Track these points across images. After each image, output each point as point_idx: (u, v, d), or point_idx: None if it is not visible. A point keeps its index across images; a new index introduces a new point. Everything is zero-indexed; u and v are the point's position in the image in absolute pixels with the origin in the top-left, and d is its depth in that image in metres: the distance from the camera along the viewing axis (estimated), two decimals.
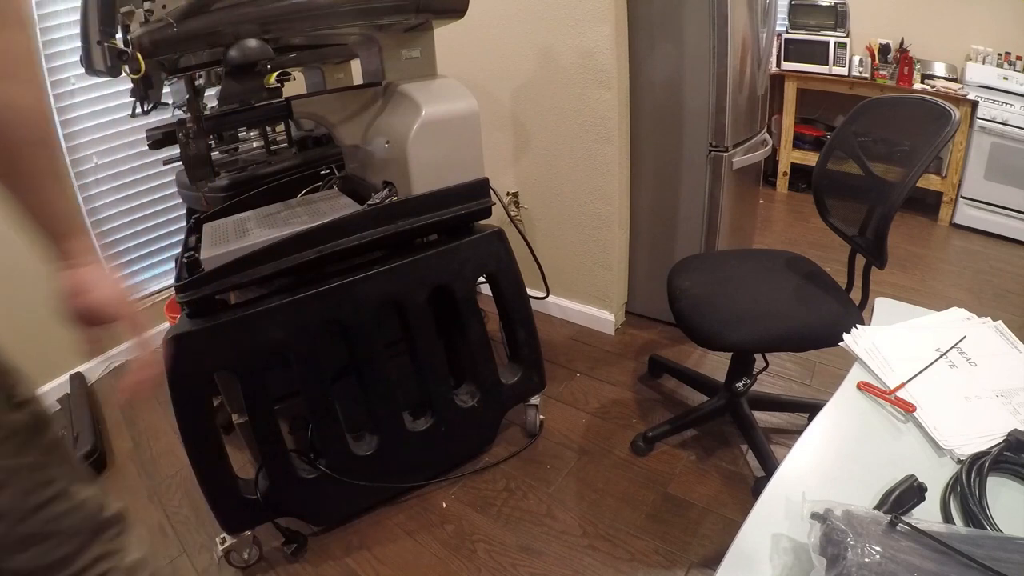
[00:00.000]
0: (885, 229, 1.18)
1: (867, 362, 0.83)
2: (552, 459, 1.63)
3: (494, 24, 2.00)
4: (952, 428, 0.70)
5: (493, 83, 2.10)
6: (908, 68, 2.94)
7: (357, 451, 1.39)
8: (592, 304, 2.22)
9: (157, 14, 1.03)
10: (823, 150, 1.46)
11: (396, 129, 1.34)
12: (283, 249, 1.19)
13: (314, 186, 1.67)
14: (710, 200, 1.93)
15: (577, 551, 1.36)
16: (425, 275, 1.37)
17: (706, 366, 1.95)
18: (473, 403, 1.53)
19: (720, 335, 1.29)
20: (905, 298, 0.98)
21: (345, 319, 1.28)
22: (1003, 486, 0.63)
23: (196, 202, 1.76)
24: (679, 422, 1.63)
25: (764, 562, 0.57)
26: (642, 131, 1.98)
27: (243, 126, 1.77)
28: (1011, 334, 0.86)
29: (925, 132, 1.18)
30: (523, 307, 1.54)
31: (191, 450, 1.20)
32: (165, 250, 2.41)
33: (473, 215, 1.42)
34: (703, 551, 1.33)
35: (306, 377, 1.28)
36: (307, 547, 1.41)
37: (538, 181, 2.15)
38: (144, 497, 1.61)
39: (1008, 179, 2.73)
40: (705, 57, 1.76)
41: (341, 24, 1.23)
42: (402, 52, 1.41)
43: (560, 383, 1.93)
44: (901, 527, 0.53)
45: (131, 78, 1.04)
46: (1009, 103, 2.66)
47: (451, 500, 1.52)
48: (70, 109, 2.02)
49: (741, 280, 1.47)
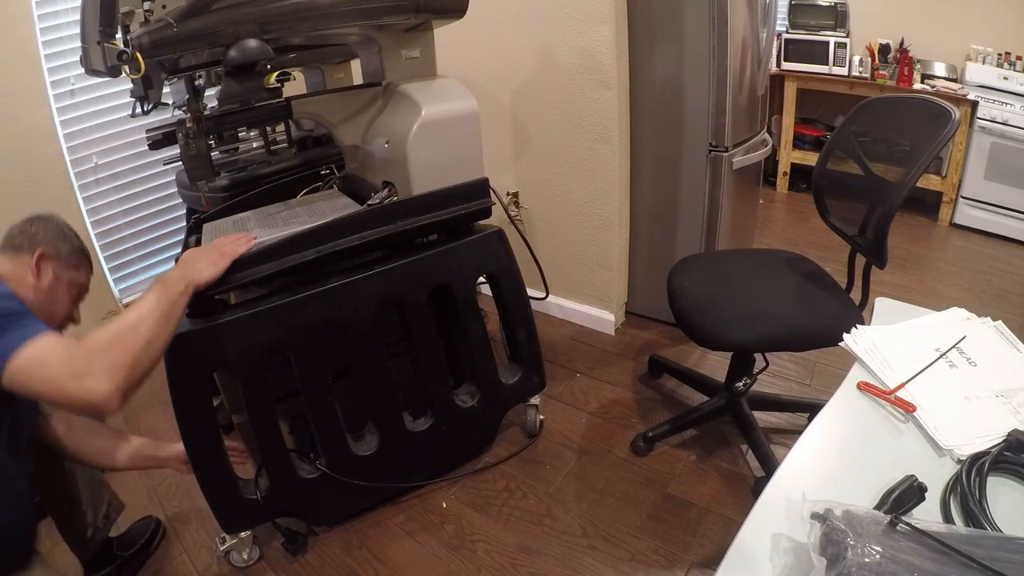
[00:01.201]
0: (885, 229, 1.18)
1: (867, 362, 0.83)
2: (552, 459, 1.63)
3: (494, 24, 2.00)
4: (952, 428, 0.70)
5: (493, 83, 2.10)
6: (908, 68, 2.94)
7: (357, 451, 1.39)
8: (592, 304, 2.22)
9: (157, 14, 1.03)
10: (823, 150, 1.46)
11: (396, 129, 1.34)
12: (283, 249, 1.19)
13: (314, 186, 1.67)
14: (710, 200, 1.93)
15: (577, 551, 1.36)
16: (425, 275, 1.37)
17: (706, 366, 1.95)
18: (473, 403, 1.53)
19: (720, 335, 1.29)
20: (905, 298, 0.98)
21: (345, 319, 1.28)
22: (1003, 486, 0.63)
23: (196, 202, 1.76)
24: (679, 422, 1.63)
25: (764, 562, 0.57)
26: (642, 131, 1.97)
27: (243, 126, 1.77)
28: (1011, 334, 0.86)
29: (925, 132, 1.18)
30: (523, 307, 1.54)
31: (191, 450, 1.20)
32: (165, 250, 2.41)
33: (473, 215, 1.42)
34: (703, 551, 1.33)
35: (306, 377, 1.28)
36: (307, 547, 1.41)
37: (538, 181, 2.15)
38: (144, 497, 1.61)
39: (1008, 179, 2.73)
40: (705, 57, 1.76)
41: (341, 24, 1.23)
42: (402, 52, 1.41)
43: (560, 383, 1.93)
44: (901, 527, 0.53)
45: (131, 78, 1.05)
46: (1009, 103, 2.66)
47: (451, 500, 1.52)
48: (70, 109, 2.02)
49: (741, 280, 1.47)
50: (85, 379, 0.84)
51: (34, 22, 1.89)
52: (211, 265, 1.08)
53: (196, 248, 1.15)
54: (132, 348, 0.90)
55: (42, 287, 1.09)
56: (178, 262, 1.10)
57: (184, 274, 1.04)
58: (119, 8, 1.06)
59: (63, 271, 1.14)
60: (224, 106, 1.34)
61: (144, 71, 1.00)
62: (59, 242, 1.15)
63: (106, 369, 0.86)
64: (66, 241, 1.17)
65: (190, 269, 1.06)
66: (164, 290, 1.00)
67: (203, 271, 1.07)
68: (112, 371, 0.86)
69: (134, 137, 2.15)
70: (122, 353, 0.88)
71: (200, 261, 1.08)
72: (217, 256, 1.10)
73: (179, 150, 1.27)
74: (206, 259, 1.09)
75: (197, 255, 1.10)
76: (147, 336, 0.93)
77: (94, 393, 0.84)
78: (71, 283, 1.17)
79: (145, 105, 1.20)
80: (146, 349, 0.92)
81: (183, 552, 1.45)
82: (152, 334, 0.94)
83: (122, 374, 0.87)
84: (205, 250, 1.12)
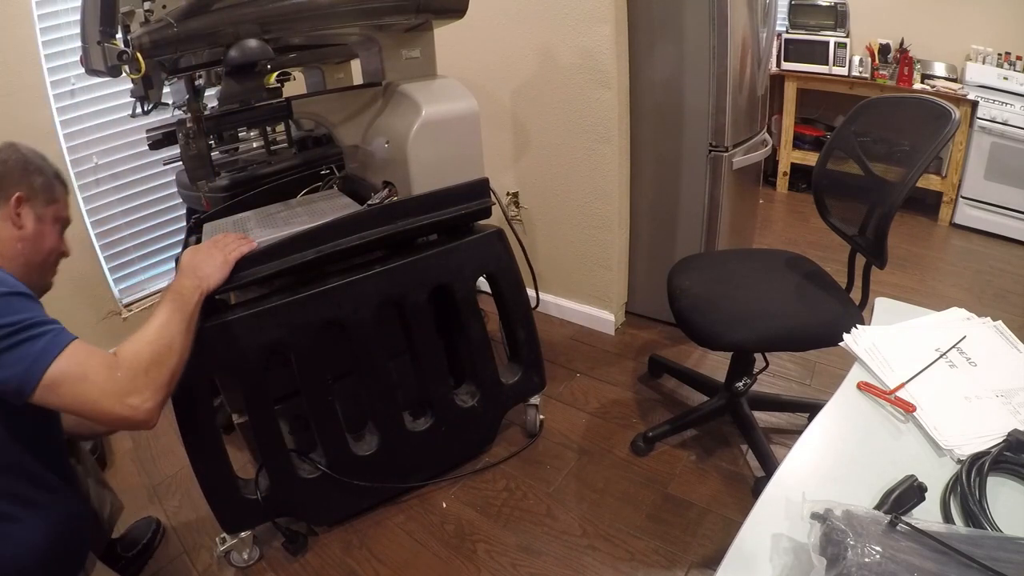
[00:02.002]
0: (885, 229, 1.18)
1: (867, 362, 0.83)
2: (552, 459, 1.63)
3: (494, 24, 2.00)
4: (952, 428, 0.70)
5: (493, 83, 2.10)
6: (908, 68, 2.94)
7: (357, 451, 1.39)
8: (592, 304, 2.22)
9: (157, 14, 1.03)
10: (823, 150, 1.46)
11: (396, 129, 1.34)
12: (283, 249, 1.19)
13: (314, 186, 1.67)
14: (710, 200, 1.93)
15: (577, 551, 1.36)
16: (425, 275, 1.37)
17: (706, 366, 1.95)
18: (473, 403, 1.53)
19: (720, 335, 1.29)
20: (905, 298, 0.98)
21: (345, 319, 1.28)
22: (1003, 486, 0.63)
23: (196, 202, 1.76)
24: (679, 422, 1.63)
25: (764, 562, 0.57)
26: (642, 131, 1.97)
27: (243, 126, 1.77)
28: (1011, 334, 0.86)
29: (925, 132, 1.18)
30: (523, 307, 1.54)
31: (191, 450, 1.20)
32: (165, 250, 2.41)
33: (473, 215, 1.42)
34: (703, 551, 1.33)
35: (306, 377, 1.28)
36: (307, 547, 1.41)
37: (538, 181, 2.15)
38: (144, 497, 1.61)
39: (1008, 179, 2.73)
40: (705, 57, 1.76)
41: (341, 24, 1.23)
42: (402, 52, 1.41)
43: (560, 383, 1.93)
44: (901, 527, 0.53)
45: (131, 78, 1.04)
46: (1009, 103, 2.66)
47: (451, 500, 1.52)
48: (70, 109, 2.02)
49: (741, 280, 1.47)
50: (130, 398, 0.85)
51: (34, 22, 1.89)
52: (219, 270, 1.08)
53: (197, 249, 1.13)
54: (171, 365, 0.92)
55: (27, 235, 0.99)
56: (183, 267, 1.08)
57: (197, 283, 1.04)
58: (119, 8, 1.06)
59: (44, 209, 1.02)
60: (224, 106, 1.34)
61: (144, 71, 1.00)
62: (31, 176, 1.01)
63: (152, 388, 0.87)
64: (37, 172, 1.03)
65: (201, 276, 1.05)
66: (183, 302, 1.00)
67: (213, 276, 1.07)
68: (156, 390, 0.88)
69: (134, 137, 2.14)
70: (163, 371, 0.91)
71: (207, 265, 1.07)
72: (222, 260, 1.10)
73: (179, 150, 1.27)
74: (212, 263, 1.08)
75: (202, 258, 1.09)
76: (181, 352, 0.95)
77: (140, 411, 0.86)
78: (55, 219, 1.06)
79: (145, 105, 1.20)
80: (180, 364, 0.95)
81: (183, 552, 1.45)
82: (183, 348, 0.96)
83: (163, 392, 0.90)
84: (209, 252, 1.11)
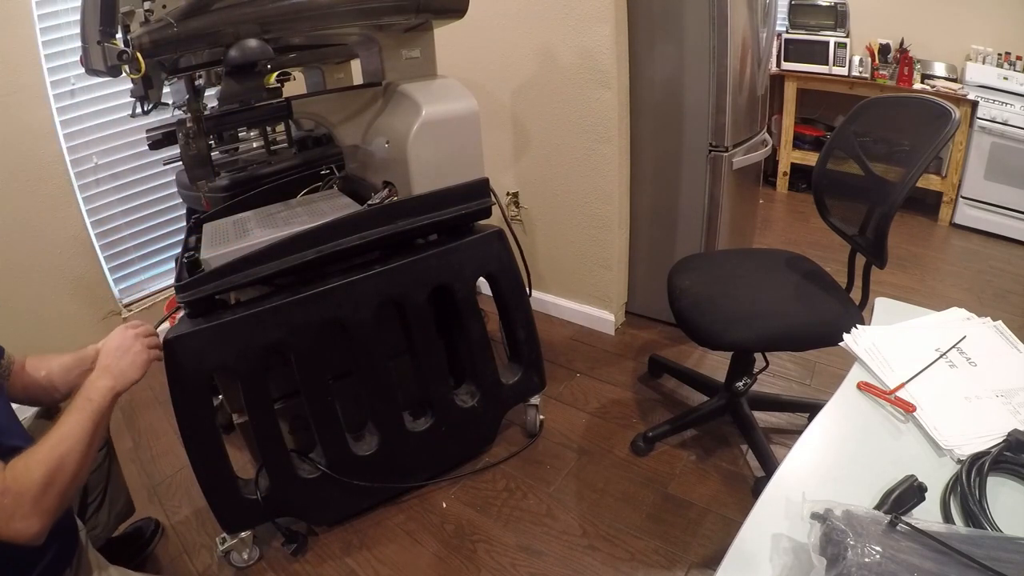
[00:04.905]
0: (885, 229, 1.18)
1: (867, 362, 0.83)
2: (552, 459, 1.63)
3: (494, 24, 1.99)
4: (952, 428, 0.70)
5: (493, 83, 2.10)
6: (908, 68, 2.94)
7: (357, 451, 1.39)
8: (592, 304, 2.22)
9: (157, 14, 1.03)
10: (823, 150, 1.46)
11: (396, 129, 1.34)
12: (283, 249, 1.19)
13: (314, 186, 1.66)
14: (710, 200, 1.93)
15: (577, 551, 1.36)
16: (425, 275, 1.37)
17: (706, 366, 1.95)
18: (473, 403, 1.53)
19: (720, 334, 1.29)
20: (905, 298, 0.98)
21: (345, 319, 1.28)
22: (1003, 486, 0.63)
23: (196, 202, 1.76)
24: (679, 422, 1.63)
25: (764, 562, 0.57)
26: (642, 131, 1.97)
27: (243, 126, 1.77)
28: (1011, 334, 0.86)
29: (925, 132, 1.18)
30: (523, 307, 1.54)
31: (191, 450, 1.20)
32: (165, 250, 2.41)
33: (473, 215, 1.42)
34: (703, 551, 1.33)
35: (306, 377, 1.28)
36: (307, 547, 1.41)
37: (538, 181, 2.15)
38: (144, 497, 1.61)
39: (1008, 179, 2.73)
40: (705, 57, 1.76)
41: (341, 24, 1.23)
42: (402, 52, 1.41)
43: (560, 383, 1.93)
44: (901, 527, 0.53)
45: (131, 78, 1.04)
46: (1009, 103, 2.66)
47: (451, 500, 1.52)
48: (70, 109, 2.02)
49: (741, 280, 1.47)
50: (14, 523, 0.80)
51: (34, 22, 1.89)
52: (137, 368, 1.04)
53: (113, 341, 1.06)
54: (62, 485, 0.86)
55: None
56: (100, 363, 1.02)
57: (111, 384, 0.99)
58: (119, 8, 1.06)
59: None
60: (224, 106, 1.34)
61: (144, 71, 1.00)
62: None
63: (38, 514, 0.82)
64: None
65: (115, 374, 1.00)
66: (92, 409, 0.94)
67: (128, 375, 1.02)
68: (43, 514, 0.83)
69: (134, 137, 2.15)
70: (53, 494, 0.84)
71: (123, 361, 1.03)
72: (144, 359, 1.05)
73: (179, 150, 1.27)
74: (128, 360, 1.03)
75: (119, 355, 1.03)
76: (75, 470, 0.88)
77: (22, 535, 0.81)
78: None
79: (145, 105, 1.20)
80: (73, 481, 0.88)
81: (183, 552, 1.44)
82: (80, 465, 0.89)
83: (51, 514, 0.84)
84: (125, 346, 1.05)
